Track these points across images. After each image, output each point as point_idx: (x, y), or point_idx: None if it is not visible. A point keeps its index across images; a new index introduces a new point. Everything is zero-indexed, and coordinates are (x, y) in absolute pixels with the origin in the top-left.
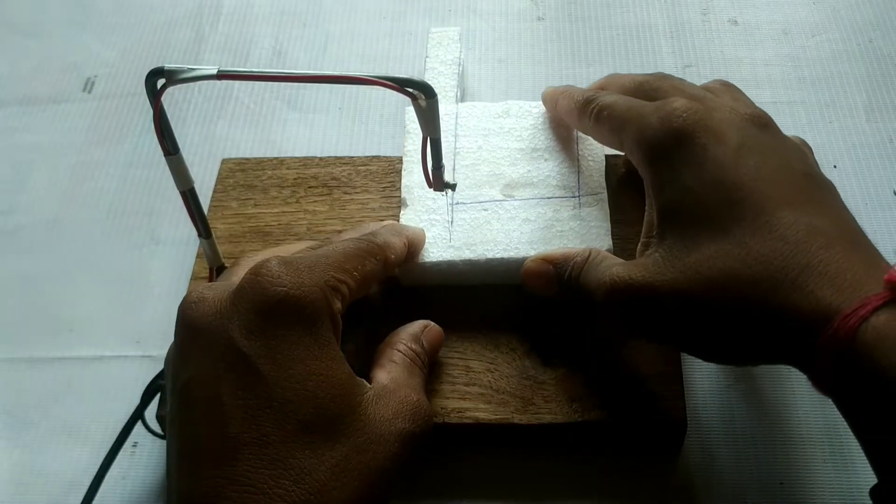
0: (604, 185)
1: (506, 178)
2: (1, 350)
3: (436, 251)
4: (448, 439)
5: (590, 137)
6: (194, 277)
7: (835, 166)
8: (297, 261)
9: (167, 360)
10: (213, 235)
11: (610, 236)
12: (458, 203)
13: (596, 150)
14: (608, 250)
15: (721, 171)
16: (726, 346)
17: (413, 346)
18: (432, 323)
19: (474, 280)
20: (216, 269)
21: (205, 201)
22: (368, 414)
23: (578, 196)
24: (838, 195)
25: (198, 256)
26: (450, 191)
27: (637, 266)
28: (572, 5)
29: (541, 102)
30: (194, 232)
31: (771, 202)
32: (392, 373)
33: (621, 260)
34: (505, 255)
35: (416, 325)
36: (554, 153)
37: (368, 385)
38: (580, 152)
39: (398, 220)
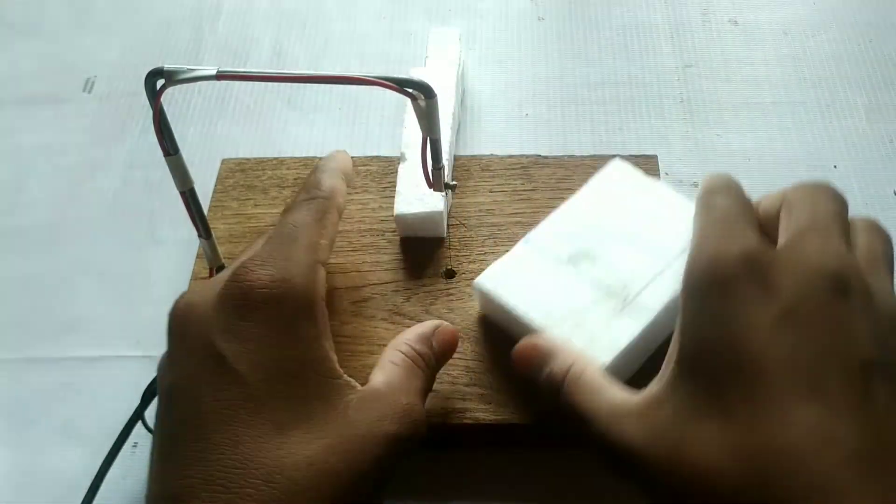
0: (658, 309)
1: (583, 247)
2: (1, 350)
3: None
4: (449, 439)
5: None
6: (194, 277)
7: (835, 166)
8: (272, 256)
9: (158, 366)
10: (213, 235)
11: (615, 354)
12: (527, 240)
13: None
14: (602, 366)
15: (750, 338)
16: None
17: (417, 347)
18: (445, 323)
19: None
20: (216, 269)
21: (205, 201)
22: (349, 416)
23: (626, 302)
24: None
25: (198, 256)
26: (449, 191)
27: (638, 422)
28: (572, 5)
29: (692, 200)
30: (194, 232)
31: (795, 392)
32: (389, 375)
33: (612, 395)
34: (516, 310)
35: (426, 325)
36: (648, 253)
37: (358, 387)
38: (673, 265)
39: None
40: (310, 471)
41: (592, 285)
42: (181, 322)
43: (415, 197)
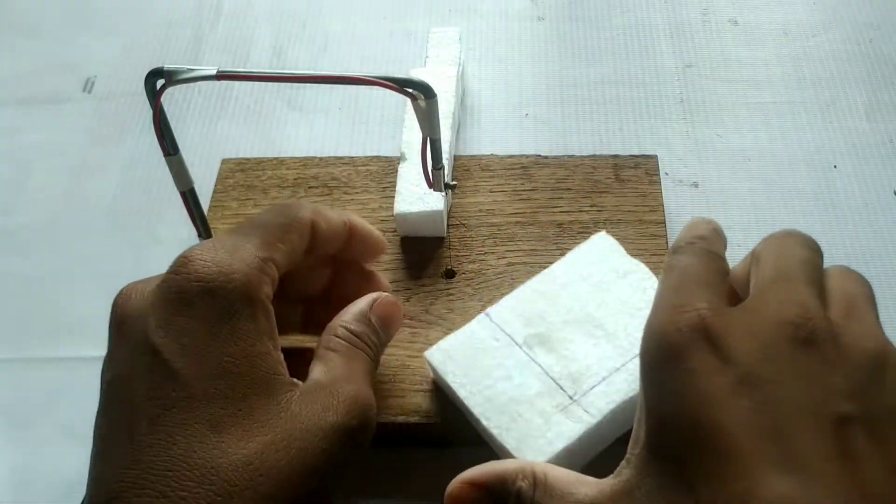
0: (606, 412)
1: (542, 330)
2: (1, 350)
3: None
4: (451, 439)
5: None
6: None
7: (835, 166)
8: (216, 248)
9: (103, 361)
10: (213, 235)
11: (548, 457)
12: (487, 314)
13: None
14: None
15: (704, 410)
16: None
17: (355, 328)
18: (385, 295)
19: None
20: None
21: (205, 201)
22: (291, 410)
23: (573, 399)
24: None
25: None
26: (450, 191)
27: None
28: (572, 5)
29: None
30: (194, 232)
31: (760, 461)
32: (328, 363)
33: (585, 490)
34: (459, 392)
35: (363, 302)
36: (610, 346)
37: (299, 383)
38: (634, 361)
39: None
40: (247, 470)
41: (541, 375)
42: (119, 315)
43: (415, 196)
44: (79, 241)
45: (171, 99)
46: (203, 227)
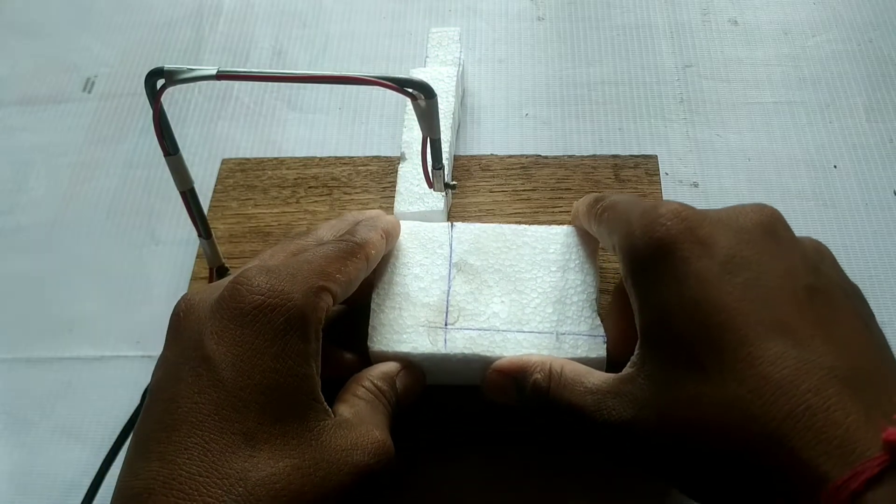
0: (459, 352)
1: (478, 264)
2: (1, 350)
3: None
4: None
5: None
6: (194, 277)
7: (835, 166)
8: (279, 269)
9: (156, 364)
10: (213, 235)
11: (381, 349)
12: (454, 225)
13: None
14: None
15: (701, 290)
16: (710, 494)
17: (380, 384)
18: (413, 367)
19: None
20: (216, 269)
21: (205, 201)
22: (322, 440)
23: (445, 326)
24: (859, 309)
25: (198, 256)
26: (450, 191)
27: (618, 400)
28: (572, 5)
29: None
30: (194, 232)
31: (757, 329)
32: (354, 407)
33: (594, 380)
34: (378, 272)
35: (390, 365)
36: (511, 313)
37: (332, 415)
38: (511, 338)
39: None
40: (273, 488)
41: (443, 294)
42: (179, 321)
43: (415, 196)
44: (79, 241)
45: (171, 99)
46: (203, 227)
